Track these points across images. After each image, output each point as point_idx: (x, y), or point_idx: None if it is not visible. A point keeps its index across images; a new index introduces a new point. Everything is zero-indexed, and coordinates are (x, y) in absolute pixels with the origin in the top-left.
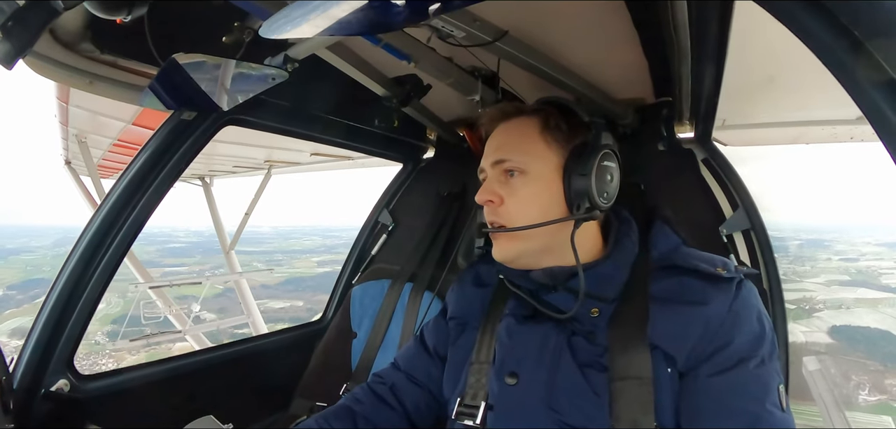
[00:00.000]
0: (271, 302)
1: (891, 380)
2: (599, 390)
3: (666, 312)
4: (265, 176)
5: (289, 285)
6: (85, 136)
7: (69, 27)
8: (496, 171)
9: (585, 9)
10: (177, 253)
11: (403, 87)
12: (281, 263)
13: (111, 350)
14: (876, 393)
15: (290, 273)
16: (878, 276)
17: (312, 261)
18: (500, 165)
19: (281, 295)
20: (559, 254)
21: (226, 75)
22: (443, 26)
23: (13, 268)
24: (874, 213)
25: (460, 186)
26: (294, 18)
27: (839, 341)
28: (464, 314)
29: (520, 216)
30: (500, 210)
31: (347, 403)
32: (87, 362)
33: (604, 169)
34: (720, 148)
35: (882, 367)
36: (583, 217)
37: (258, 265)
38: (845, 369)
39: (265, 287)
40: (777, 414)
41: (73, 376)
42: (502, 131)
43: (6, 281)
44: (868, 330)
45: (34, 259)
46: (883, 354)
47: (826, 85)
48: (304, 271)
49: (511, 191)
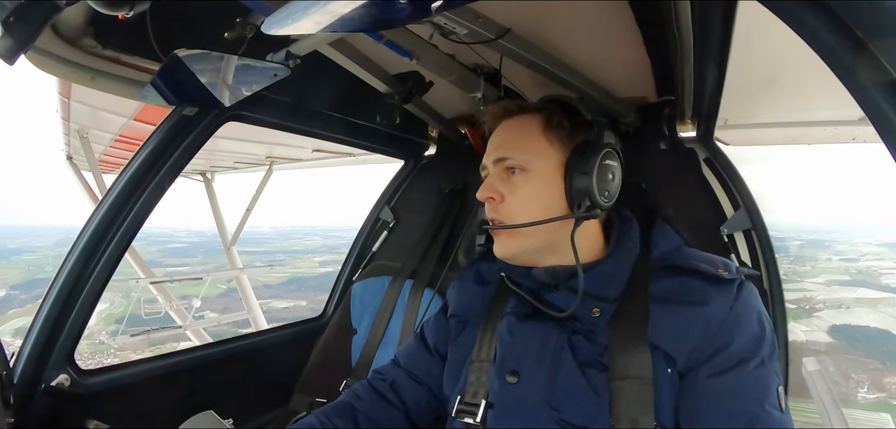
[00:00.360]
0: (274, 302)
1: (889, 378)
2: (599, 389)
3: (666, 313)
4: (266, 172)
5: (291, 285)
6: (86, 131)
7: (71, 23)
8: (498, 168)
9: (588, 7)
10: (178, 253)
11: (405, 83)
12: (283, 262)
13: (115, 350)
14: (875, 391)
15: (292, 273)
16: (878, 276)
17: (314, 261)
18: (502, 162)
19: (283, 295)
20: (561, 252)
21: (227, 71)
22: (445, 23)
23: (15, 268)
24: (875, 213)
25: (462, 183)
26: (296, 14)
27: (839, 340)
28: (464, 312)
29: (520, 214)
30: (501, 207)
31: (348, 399)
32: (91, 360)
33: (605, 168)
34: (722, 148)
35: (881, 365)
36: (583, 216)
37: (259, 265)
38: (845, 367)
39: (268, 287)
40: (776, 415)
41: (74, 371)
42: (505, 129)
43: (9, 281)
44: (867, 329)
45: (36, 259)
46: (882, 352)
47: (828, 85)
48: (307, 271)
49: (512, 188)
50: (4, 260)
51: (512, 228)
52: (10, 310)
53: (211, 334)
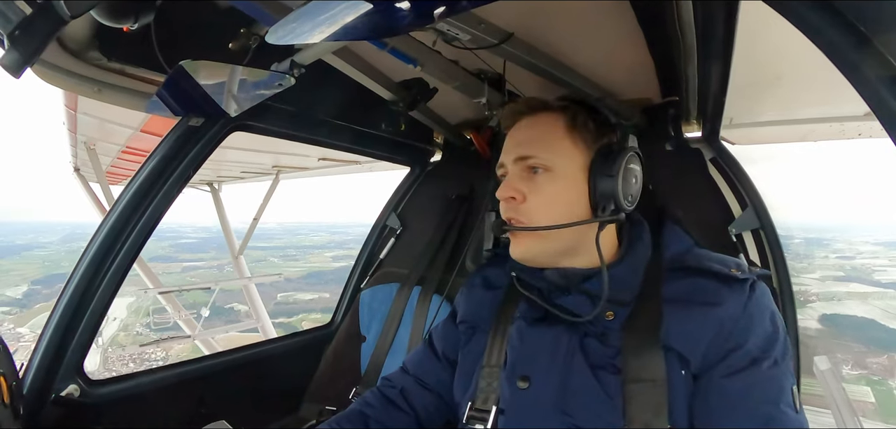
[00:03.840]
0: (299, 294)
1: (871, 359)
2: (612, 392)
3: (679, 314)
4: (273, 181)
5: (311, 279)
6: (93, 143)
7: (76, 35)
8: (519, 166)
9: (591, 10)
10: (190, 249)
11: (410, 90)
12: (296, 257)
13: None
14: (858, 369)
15: (310, 268)
16: (871, 272)
17: (326, 256)
18: (525, 161)
19: (306, 288)
20: (575, 255)
21: (233, 81)
22: (448, 29)
23: (31, 264)
24: (877, 211)
25: (468, 188)
26: (300, 24)
27: (828, 328)
28: (474, 318)
29: (543, 215)
30: (522, 207)
31: (359, 407)
32: (130, 349)
33: (629, 172)
34: (728, 147)
35: (865, 348)
36: (607, 219)
37: (275, 260)
38: (832, 349)
39: (289, 280)
40: (790, 415)
41: (83, 382)
42: (527, 126)
43: (29, 276)
44: (855, 318)
45: (48, 254)
46: (867, 338)
47: (833, 81)
48: (322, 266)
49: (535, 188)
50: (17, 256)
51: (534, 230)
52: (35, 305)
53: None
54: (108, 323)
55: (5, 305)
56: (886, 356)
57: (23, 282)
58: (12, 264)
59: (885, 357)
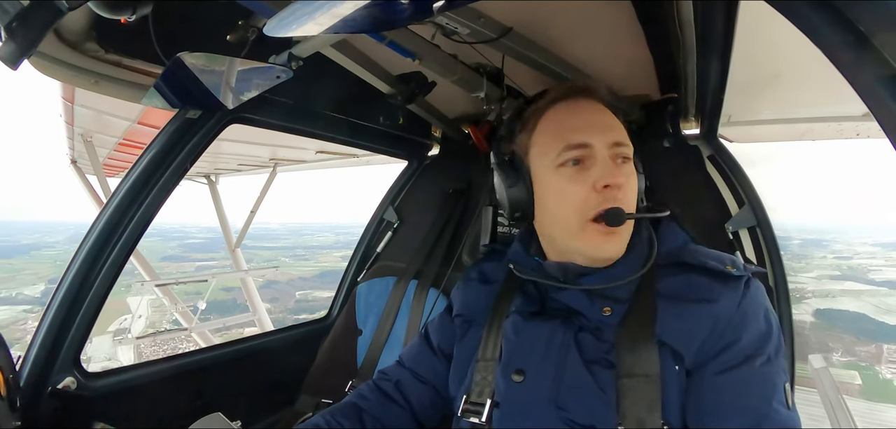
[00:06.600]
0: (315, 292)
1: (860, 347)
2: (606, 387)
3: (674, 310)
4: (271, 174)
5: (323, 278)
6: (90, 135)
7: (74, 27)
8: (612, 152)
9: (590, 5)
10: (199, 248)
11: (408, 84)
12: (306, 257)
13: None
14: (847, 356)
15: (321, 267)
16: (866, 272)
17: (335, 256)
18: (619, 148)
19: (320, 286)
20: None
21: (230, 74)
22: (447, 23)
23: (42, 263)
24: (875, 212)
25: (465, 183)
26: (298, 16)
27: (821, 321)
28: (469, 311)
29: (632, 208)
30: (621, 197)
31: (354, 400)
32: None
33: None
34: (726, 144)
35: (855, 338)
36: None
37: (286, 260)
38: (823, 339)
39: (303, 279)
40: (783, 412)
41: (80, 374)
42: (602, 112)
43: (44, 275)
44: (847, 312)
45: (57, 253)
46: (857, 329)
47: (832, 81)
48: (332, 265)
49: (628, 178)
50: (27, 255)
51: (637, 218)
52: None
53: None
54: (136, 321)
55: (26, 303)
56: (874, 345)
57: (39, 281)
58: (24, 264)
59: (874, 346)
